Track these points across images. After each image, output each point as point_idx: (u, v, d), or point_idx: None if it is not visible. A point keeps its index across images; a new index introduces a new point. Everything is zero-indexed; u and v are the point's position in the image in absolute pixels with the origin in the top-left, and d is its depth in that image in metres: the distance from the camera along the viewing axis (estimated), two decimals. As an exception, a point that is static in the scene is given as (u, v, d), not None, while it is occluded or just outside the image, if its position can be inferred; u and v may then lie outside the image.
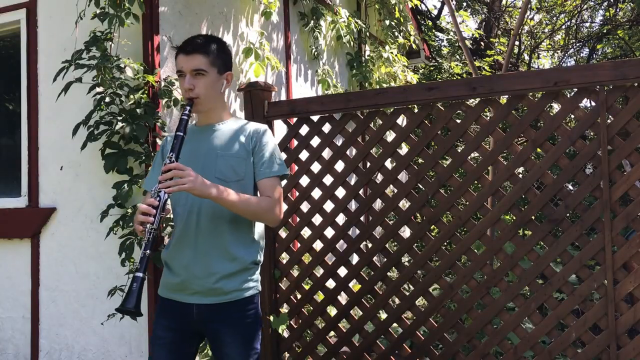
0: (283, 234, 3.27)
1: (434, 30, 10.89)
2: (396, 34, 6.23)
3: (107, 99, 2.90)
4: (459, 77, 9.14)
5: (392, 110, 2.98)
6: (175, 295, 1.99)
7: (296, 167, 3.19)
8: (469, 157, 2.90)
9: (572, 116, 2.75)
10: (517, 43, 10.45)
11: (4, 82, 3.79)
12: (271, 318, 3.11)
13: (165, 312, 2.02)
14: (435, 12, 13.84)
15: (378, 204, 3.64)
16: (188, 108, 1.96)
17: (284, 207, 2.03)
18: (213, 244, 1.95)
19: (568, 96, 2.68)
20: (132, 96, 2.94)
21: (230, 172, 1.97)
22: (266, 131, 2.07)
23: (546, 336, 2.72)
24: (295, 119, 3.19)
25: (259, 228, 2.09)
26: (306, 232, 3.32)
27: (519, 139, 5.17)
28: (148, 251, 1.74)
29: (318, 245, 3.16)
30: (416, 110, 2.92)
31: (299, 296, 3.18)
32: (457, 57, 10.02)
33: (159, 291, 2.08)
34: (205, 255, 1.94)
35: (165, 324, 2.00)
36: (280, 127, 3.87)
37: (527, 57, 11.88)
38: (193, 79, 1.97)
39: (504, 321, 2.75)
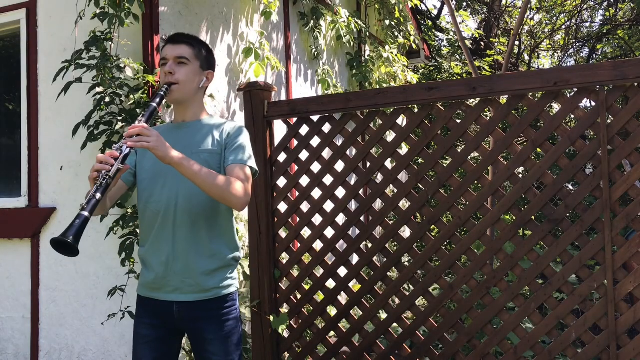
0: (283, 234, 3.27)
1: (434, 30, 10.90)
2: (396, 34, 6.23)
3: (107, 99, 2.90)
4: (459, 77, 9.14)
5: (392, 110, 2.98)
6: (155, 293, 1.98)
7: (296, 167, 3.19)
8: (469, 157, 2.90)
9: (572, 116, 2.75)
10: (517, 43, 10.45)
11: (4, 82, 3.79)
12: (271, 318, 3.11)
13: (146, 311, 2.01)
14: (435, 12, 13.85)
15: (378, 204, 3.65)
16: (166, 87, 1.96)
17: (249, 195, 1.95)
18: (191, 240, 1.94)
19: (568, 96, 2.68)
20: (132, 96, 2.94)
21: (205, 167, 1.92)
22: (242, 129, 2.05)
23: (546, 336, 2.72)
24: (295, 119, 3.19)
25: (234, 225, 2.08)
26: (306, 232, 3.32)
27: (519, 139, 5.17)
28: (98, 195, 1.65)
29: (318, 245, 3.16)
30: (416, 110, 2.92)
31: (299, 296, 3.18)
32: (457, 57, 10.02)
33: (137, 290, 2.06)
34: (184, 252, 1.93)
35: (147, 322, 2.00)
36: (280, 127, 3.87)
37: (527, 57, 11.88)
38: (175, 66, 1.98)
39: (504, 321, 2.75)
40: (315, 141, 3.14)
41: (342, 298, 3.26)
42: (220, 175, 1.87)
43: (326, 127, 3.12)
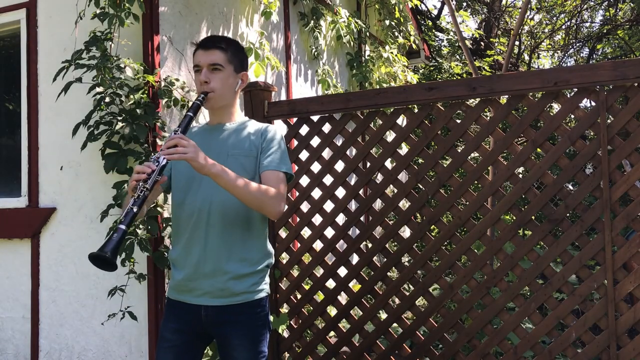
0: (283, 234, 3.27)
1: (434, 30, 10.91)
2: (396, 34, 6.23)
3: (107, 99, 2.90)
4: (459, 77, 9.14)
5: (392, 110, 2.98)
6: (184, 296, 1.97)
7: (296, 167, 3.19)
8: (469, 157, 2.90)
9: (572, 116, 2.75)
10: (517, 43, 10.45)
11: (4, 82, 3.79)
12: (271, 318, 3.10)
13: (173, 315, 2.00)
14: (435, 12, 13.85)
15: (378, 204, 3.64)
16: (202, 96, 1.95)
17: (285, 202, 1.96)
18: (223, 243, 1.92)
19: (568, 96, 2.68)
20: (132, 96, 2.94)
21: (241, 170, 1.93)
22: (278, 133, 2.04)
23: (546, 336, 2.72)
24: (295, 119, 3.19)
25: (267, 231, 2.07)
26: (306, 232, 3.32)
27: (519, 139, 5.17)
28: (136, 208, 1.68)
29: (318, 245, 3.16)
30: (416, 110, 2.92)
31: (299, 296, 3.18)
32: (457, 57, 10.02)
33: (167, 293, 2.05)
34: (214, 254, 1.92)
35: (173, 326, 1.98)
36: (280, 127, 3.87)
37: (527, 57, 11.88)
38: (209, 73, 1.97)
39: (504, 321, 2.75)
40: (315, 141, 3.14)
41: (342, 298, 3.26)
42: (255, 184, 1.87)
43: (326, 127, 3.12)
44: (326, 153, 3.14)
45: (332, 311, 3.30)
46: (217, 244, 1.92)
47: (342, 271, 3.08)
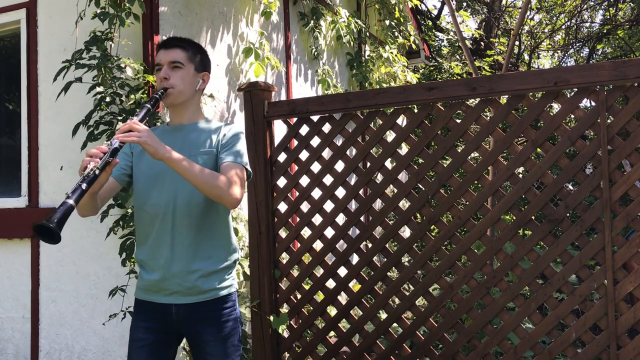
0: (283, 234, 3.27)
1: (434, 30, 10.90)
2: (396, 34, 6.23)
3: (108, 99, 2.90)
4: (459, 77, 9.14)
5: (392, 110, 2.98)
6: (153, 296, 1.97)
7: (296, 167, 3.19)
8: (469, 157, 2.90)
9: (572, 116, 2.75)
10: (517, 43, 10.45)
11: (4, 82, 3.79)
12: (271, 318, 3.11)
13: (143, 314, 2.00)
14: (435, 12, 13.85)
15: (378, 204, 3.65)
16: (161, 91, 1.96)
17: (244, 194, 1.94)
18: (190, 243, 1.93)
19: (568, 96, 2.68)
20: (132, 96, 2.94)
21: None
22: (238, 131, 2.03)
23: (546, 336, 2.72)
24: (295, 119, 3.19)
25: (231, 227, 2.07)
26: (306, 232, 3.32)
27: (519, 139, 5.17)
28: (85, 185, 1.65)
29: (318, 245, 3.16)
30: (416, 110, 2.92)
31: (299, 296, 3.18)
32: (457, 57, 10.02)
33: (135, 294, 2.04)
34: (182, 255, 1.92)
35: (144, 325, 1.98)
36: (280, 127, 3.87)
37: (527, 57, 11.89)
38: (170, 71, 1.98)
39: (504, 321, 2.75)
40: (315, 141, 3.14)
41: (342, 298, 3.26)
42: (213, 172, 1.86)
43: (326, 127, 3.12)
44: (326, 153, 3.14)
45: (332, 311, 3.30)
46: (184, 244, 1.93)
47: (342, 271, 3.08)
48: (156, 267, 1.95)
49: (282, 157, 3.24)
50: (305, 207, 3.16)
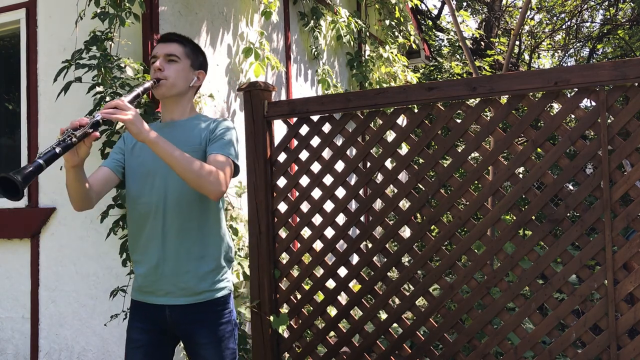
0: (283, 234, 3.27)
1: (434, 30, 10.91)
2: (396, 33, 6.23)
3: (107, 99, 2.90)
4: (459, 77, 9.14)
5: (392, 110, 2.97)
6: (147, 297, 1.96)
7: (296, 167, 3.19)
8: (469, 157, 2.89)
9: (573, 116, 2.75)
10: (517, 43, 10.45)
11: (4, 82, 3.79)
12: (271, 318, 3.10)
13: (138, 315, 1.99)
14: (435, 12, 13.85)
15: (378, 204, 3.65)
16: (154, 80, 1.93)
17: (226, 184, 1.87)
18: (181, 242, 1.92)
19: (568, 96, 2.68)
20: (132, 96, 2.94)
21: None
22: (228, 125, 2.00)
23: (546, 336, 2.72)
24: (295, 119, 3.19)
25: (225, 225, 2.06)
26: (306, 232, 3.32)
27: (519, 139, 5.17)
28: (58, 149, 1.62)
29: (318, 245, 3.16)
30: (416, 110, 2.92)
31: (299, 296, 3.18)
32: (457, 57, 10.01)
33: (131, 295, 2.04)
34: (173, 254, 1.91)
35: (139, 326, 1.97)
36: (280, 127, 3.87)
37: (527, 57, 11.88)
38: (165, 63, 1.97)
39: (504, 321, 2.74)
40: (315, 141, 3.13)
41: (342, 298, 3.25)
42: (197, 160, 1.81)
43: (326, 127, 3.12)
44: (326, 153, 3.13)
45: (332, 311, 3.30)
46: (175, 243, 1.92)
47: (342, 271, 3.08)
48: (148, 267, 1.94)
49: (282, 157, 3.23)
50: (305, 207, 3.16)
